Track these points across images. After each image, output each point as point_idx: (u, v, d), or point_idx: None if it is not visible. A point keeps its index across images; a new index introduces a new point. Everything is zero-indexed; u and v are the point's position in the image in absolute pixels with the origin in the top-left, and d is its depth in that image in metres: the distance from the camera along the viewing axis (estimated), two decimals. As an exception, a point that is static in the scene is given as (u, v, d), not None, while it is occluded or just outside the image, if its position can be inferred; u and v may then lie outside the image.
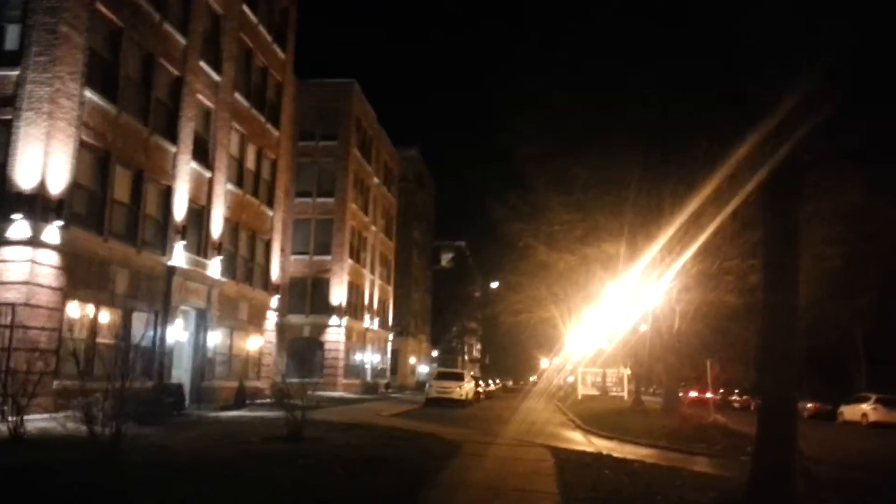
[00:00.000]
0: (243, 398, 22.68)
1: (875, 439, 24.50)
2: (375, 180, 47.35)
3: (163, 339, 19.91)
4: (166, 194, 20.52)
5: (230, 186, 24.51)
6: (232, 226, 24.95)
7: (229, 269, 24.52)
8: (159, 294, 19.91)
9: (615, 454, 14.49)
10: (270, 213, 28.16)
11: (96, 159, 17.50)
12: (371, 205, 46.22)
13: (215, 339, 23.02)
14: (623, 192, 23.99)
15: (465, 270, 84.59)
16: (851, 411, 33.42)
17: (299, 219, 39.68)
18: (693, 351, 25.08)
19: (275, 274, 28.47)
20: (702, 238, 22.58)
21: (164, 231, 20.39)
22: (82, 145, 16.73)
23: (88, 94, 16.88)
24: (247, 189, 26.05)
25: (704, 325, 23.90)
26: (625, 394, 41.21)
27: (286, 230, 38.01)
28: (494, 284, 57.28)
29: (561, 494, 9.04)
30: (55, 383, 15.04)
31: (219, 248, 23.27)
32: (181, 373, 21.45)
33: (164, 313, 20.08)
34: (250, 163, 26.52)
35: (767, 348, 7.68)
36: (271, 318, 27.87)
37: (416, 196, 64.05)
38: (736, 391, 47.21)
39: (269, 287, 27.84)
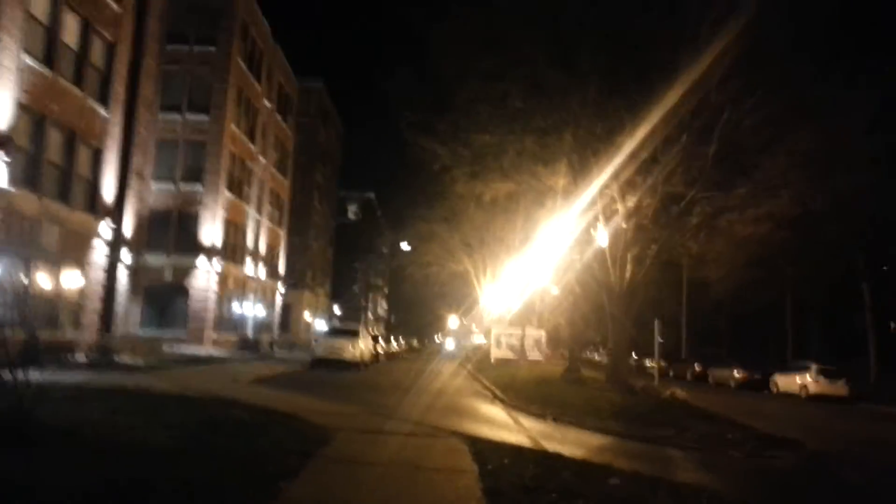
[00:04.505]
0: (36, 355, 15.91)
1: (844, 418, 20.75)
2: (267, 104, 40.06)
3: None
4: None
5: (29, 60, 17.32)
6: (35, 118, 17.83)
7: (27, 177, 17.49)
8: None
9: (564, 451, 9.44)
10: (104, 113, 20.96)
11: None
12: (260, 132, 38.98)
13: (-5, 271, 16.14)
14: (568, 108, 18.92)
15: (374, 224, 78.39)
16: (787, 381, 30.09)
17: (165, 139, 32.11)
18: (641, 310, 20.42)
19: (109, 194, 21.43)
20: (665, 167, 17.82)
21: None
22: None
23: None
24: (62, 72, 18.84)
25: (661, 278, 19.19)
26: (541, 357, 37.13)
27: (146, 150, 30.58)
28: (405, 245, 51.66)
29: None
30: None
31: (4, 144, 16.22)
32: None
33: None
34: (70, 36, 19.24)
35: None
36: (100, 250, 20.91)
37: (320, 134, 56.89)
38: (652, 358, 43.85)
39: (98, 209, 20.85)
